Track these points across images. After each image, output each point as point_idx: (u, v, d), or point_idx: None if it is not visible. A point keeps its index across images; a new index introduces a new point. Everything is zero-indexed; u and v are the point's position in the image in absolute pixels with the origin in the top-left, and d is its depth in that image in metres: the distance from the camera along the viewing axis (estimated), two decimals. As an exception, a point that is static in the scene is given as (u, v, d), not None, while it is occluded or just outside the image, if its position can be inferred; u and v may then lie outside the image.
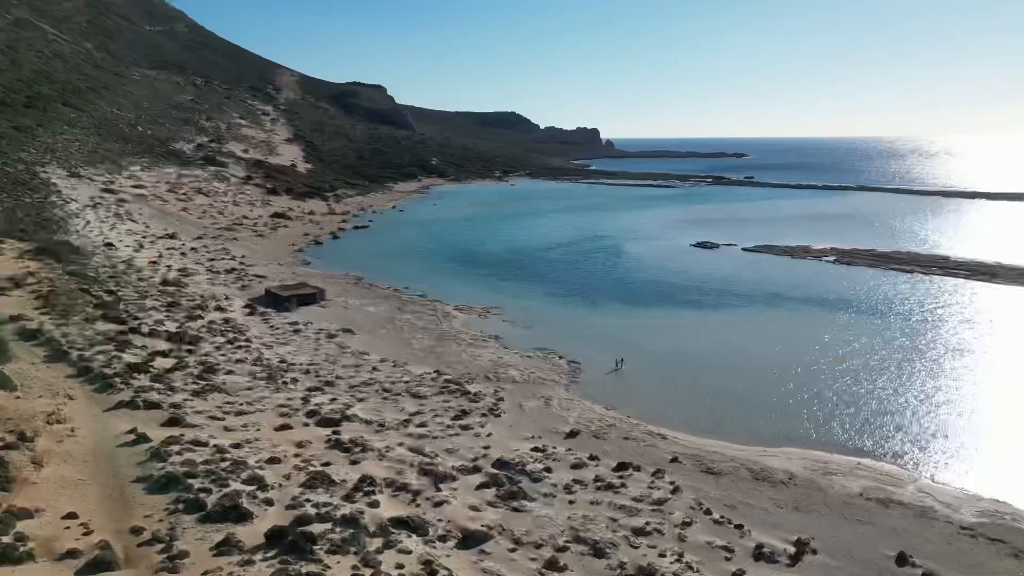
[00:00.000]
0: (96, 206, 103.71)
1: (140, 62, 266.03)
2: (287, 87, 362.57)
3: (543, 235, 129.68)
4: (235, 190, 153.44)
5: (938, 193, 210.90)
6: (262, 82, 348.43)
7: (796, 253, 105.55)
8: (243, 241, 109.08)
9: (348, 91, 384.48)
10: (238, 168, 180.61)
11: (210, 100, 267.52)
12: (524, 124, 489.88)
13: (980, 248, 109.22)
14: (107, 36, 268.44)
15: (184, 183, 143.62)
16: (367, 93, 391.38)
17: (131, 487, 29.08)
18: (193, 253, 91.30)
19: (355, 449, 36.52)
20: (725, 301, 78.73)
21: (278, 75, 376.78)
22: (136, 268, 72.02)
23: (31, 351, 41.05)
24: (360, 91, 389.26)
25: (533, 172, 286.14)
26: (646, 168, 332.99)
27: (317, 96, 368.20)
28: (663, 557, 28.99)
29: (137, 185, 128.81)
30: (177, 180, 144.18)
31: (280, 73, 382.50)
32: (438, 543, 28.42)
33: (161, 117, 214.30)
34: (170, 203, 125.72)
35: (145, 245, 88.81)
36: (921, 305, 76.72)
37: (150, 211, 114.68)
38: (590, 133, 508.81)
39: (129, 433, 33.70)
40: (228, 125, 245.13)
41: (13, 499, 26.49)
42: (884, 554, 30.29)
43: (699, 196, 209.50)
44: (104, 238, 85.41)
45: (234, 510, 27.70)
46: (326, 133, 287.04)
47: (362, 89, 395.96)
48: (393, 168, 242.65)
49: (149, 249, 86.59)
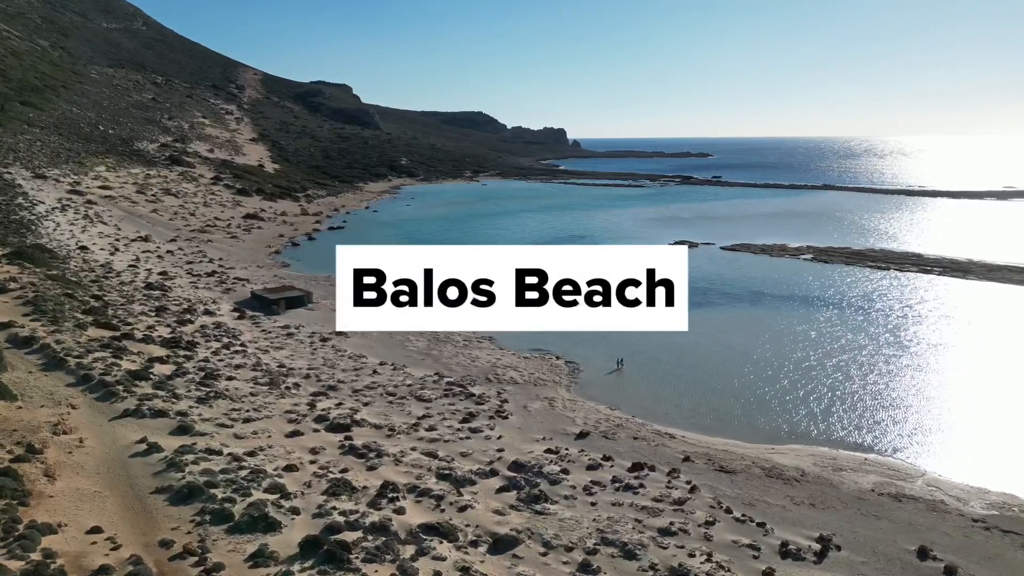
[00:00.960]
0: (64, 208, 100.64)
1: (98, 60, 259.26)
2: (250, 86, 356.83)
3: (521, 235, 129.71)
4: (205, 191, 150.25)
5: (902, 192, 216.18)
6: (224, 81, 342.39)
7: (773, 251, 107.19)
8: (218, 243, 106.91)
9: (313, 90, 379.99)
10: (205, 168, 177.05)
11: (171, 99, 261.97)
12: (491, 124, 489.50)
13: (948, 245, 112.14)
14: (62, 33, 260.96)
15: (152, 184, 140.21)
16: (332, 92, 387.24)
17: (151, 498, 28.24)
18: (170, 256, 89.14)
19: (370, 455, 36.00)
20: (711, 300, 79.52)
21: (240, 74, 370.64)
22: (116, 272, 69.98)
23: (26, 359, 39.60)
24: (325, 90, 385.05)
25: (504, 172, 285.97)
26: (615, 168, 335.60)
27: (281, 95, 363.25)
28: (692, 557, 29.09)
29: (104, 186, 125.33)
30: (145, 181, 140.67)
31: (242, 72, 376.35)
32: (470, 548, 28.15)
33: (122, 116, 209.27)
34: (139, 204, 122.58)
35: (120, 248, 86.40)
36: (901, 301, 78.50)
37: (120, 213, 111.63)
38: (557, 133, 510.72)
39: (139, 443, 32.77)
40: (191, 124, 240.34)
41: (32, 513, 25.53)
42: (905, 548, 30.84)
43: (669, 195, 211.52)
44: (77, 241, 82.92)
45: (263, 520, 27.11)
46: (292, 133, 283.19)
47: (327, 88, 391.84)
48: (362, 168, 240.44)
49: (124, 252, 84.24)
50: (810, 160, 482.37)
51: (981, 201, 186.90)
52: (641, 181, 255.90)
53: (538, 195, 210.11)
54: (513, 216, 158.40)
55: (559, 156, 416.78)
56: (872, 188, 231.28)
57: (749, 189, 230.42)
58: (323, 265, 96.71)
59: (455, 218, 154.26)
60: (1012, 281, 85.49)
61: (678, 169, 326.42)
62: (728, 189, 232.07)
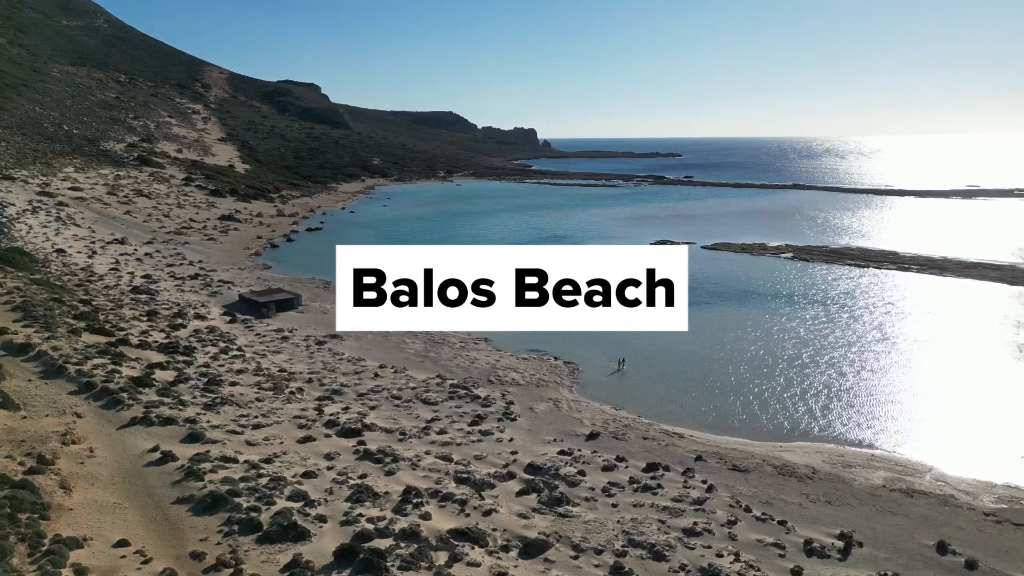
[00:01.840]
0: (36, 210, 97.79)
1: (58, 58, 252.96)
2: (216, 85, 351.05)
3: (502, 235, 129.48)
4: (177, 192, 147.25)
5: (870, 191, 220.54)
6: (189, 79, 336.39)
7: (754, 250, 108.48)
8: (195, 245, 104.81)
9: (281, 89, 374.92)
10: (175, 169, 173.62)
11: (136, 98, 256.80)
12: (461, 124, 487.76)
13: (922, 243, 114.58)
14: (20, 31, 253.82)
15: (123, 185, 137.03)
16: (300, 92, 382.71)
17: (173, 509, 27.47)
18: (149, 259, 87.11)
19: (386, 460, 35.51)
20: (699, 299, 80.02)
21: (206, 72, 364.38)
22: (98, 275, 68.10)
23: (22, 367, 38.28)
24: (293, 89, 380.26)
25: (477, 172, 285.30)
26: (587, 168, 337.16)
27: (248, 94, 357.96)
28: (720, 557, 29.18)
29: (74, 187, 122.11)
30: (115, 182, 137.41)
31: (208, 70, 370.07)
32: (502, 554, 27.89)
33: (86, 116, 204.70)
34: (112, 206, 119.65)
35: (97, 251, 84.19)
36: (884, 299, 79.97)
37: (92, 215, 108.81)
38: (527, 133, 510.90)
39: (152, 451, 31.88)
40: (157, 124, 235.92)
41: (55, 527, 24.64)
42: (924, 543, 31.32)
43: (644, 195, 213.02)
44: (53, 244, 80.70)
45: (292, 528, 26.53)
46: (261, 133, 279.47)
47: (295, 87, 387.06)
48: (333, 168, 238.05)
49: (102, 255, 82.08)
50: (774, 160, 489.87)
51: (947, 200, 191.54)
52: (615, 181, 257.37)
53: (514, 195, 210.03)
54: (492, 216, 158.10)
55: (530, 156, 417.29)
56: (841, 187, 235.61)
57: (721, 189, 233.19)
58: (305, 267, 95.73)
59: (434, 218, 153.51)
60: (987, 278, 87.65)
61: (649, 169, 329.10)
62: (700, 189, 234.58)
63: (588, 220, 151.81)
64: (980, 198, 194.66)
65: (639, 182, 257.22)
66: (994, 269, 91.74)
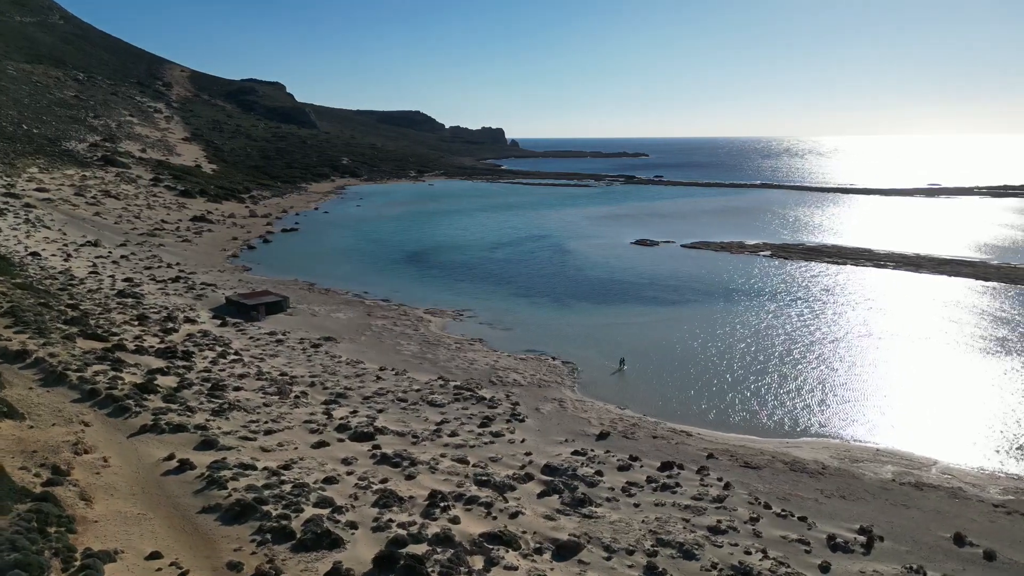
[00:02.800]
0: (3, 212, 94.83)
1: (13, 55, 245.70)
2: (178, 83, 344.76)
3: (480, 235, 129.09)
4: (146, 192, 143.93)
5: (836, 190, 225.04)
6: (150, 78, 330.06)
7: (733, 249, 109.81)
8: (170, 247, 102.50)
9: (245, 88, 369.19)
10: (142, 169, 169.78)
11: (95, 96, 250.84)
12: (429, 123, 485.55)
13: (895, 240, 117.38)
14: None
15: (90, 186, 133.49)
16: (265, 90, 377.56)
17: (201, 518, 26.75)
18: (125, 261, 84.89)
19: (404, 463, 35.07)
20: (685, 297, 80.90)
21: (167, 71, 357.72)
22: (79, 279, 66.08)
23: (21, 374, 36.95)
24: (257, 88, 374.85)
25: (448, 172, 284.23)
26: (557, 167, 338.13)
27: (212, 93, 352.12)
28: (749, 555, 29.32)
29: (40, 188, 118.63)
30: (82, 183, 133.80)
31: (168, 68, 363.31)
32: (536, 556, 27.67)
33: (45, 115, 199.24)
34: (80, 207, 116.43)
35: (72, 254, 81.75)
36: (865, 295, 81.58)
37: (61, 217, 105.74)
38: (495, 133, 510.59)
39: (168, 460, 31.04)
40: (119, 123, 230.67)
41: (83, 540, 23.80)
42: (941, 536, 31.92)
43: (616, 195, 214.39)
44: (26, 247, 78.20)
45: (326, 536, 26.03)
46: (226, 132, 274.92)
47: (259, 86, 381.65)
48: (302, 168, 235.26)
49: (78, 258, 79.73)
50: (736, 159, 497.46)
51: (912, 198, 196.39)
52: (587, 181, 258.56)
53: (487, 195, 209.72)
54: (469, 216, 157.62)
55: (499, 156, 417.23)
56: (808, 186, 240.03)
57: (691, 188, 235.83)
58: (285, 268, 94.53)
59: (411, 218, 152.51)
60: (960, 274, 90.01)
61: (617, 168, 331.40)
62: (671, 188, 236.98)
63: (564, 219, 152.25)
64: (943, 196, 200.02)
65: (611, 181, 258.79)
66: (967, 265, 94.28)
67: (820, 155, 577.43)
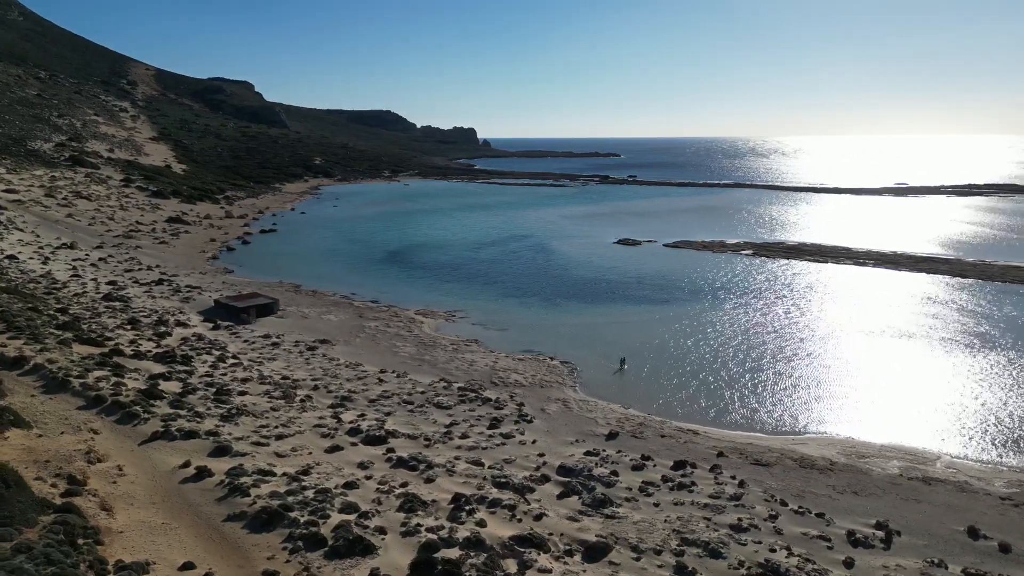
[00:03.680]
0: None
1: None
2: (143, 82, 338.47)
3: (462, 235, 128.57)
4: (118, 193, 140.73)
5: (807, 189, 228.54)
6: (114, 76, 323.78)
7: (715, 248, 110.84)
8: (148, 249, 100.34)
9: (212, 87, 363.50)
10: (111, 169, 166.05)
11: (58, 95, 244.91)
12: (400, 123, 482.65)
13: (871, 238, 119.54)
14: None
15: (60, 187, 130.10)
16: (233, 89, 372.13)
17: (227, 527, 26.19)
18: (104, 264, 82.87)
19: (421, 467, 34.72)
20: (673, 296, 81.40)
21: (131, 69, 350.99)
22: (61, 283, 64.28)
23: (21, 381, 35.79)
24: (225, 87, 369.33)
25: (423, 172, 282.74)
26: (531, 167, 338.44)
27: (178, 92, 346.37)
28: (774, 552, 29.49)
29: (9, 189, 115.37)
30: (52, 183, 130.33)
31: (133, 67, 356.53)
32: (567, 559, 27.55)
33: (8, 113, 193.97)
34: (52, 209, 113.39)
35: (49, 256, 79.56)
36: (849, 292, 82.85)
37: (33, 218, 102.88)
38: (467, 132, 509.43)
39: (184, 467, 30.33)
40: (84, 122, 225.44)
41: (112, 552, 23.12)
42: (955, 529, 32.47)
43: (593, 194, 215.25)
44: (1, 251, 75.69)
45: (359, 542, 25.64)
46: (194, 132, 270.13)
47: (227, 85, 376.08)
48: (275, 168, 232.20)
49: (56, 261, 77.60)
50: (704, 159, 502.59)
51: (881, 197, 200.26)
52: (562, 181, 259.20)
53: (463, 194, 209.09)
54: (448, 216, 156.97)
55: (471, 155, 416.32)
56: (779, 185, 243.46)
57: (666, 188, 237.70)
58: (268, 270, 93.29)
59: (390, 218, 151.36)
60: (938, 271, 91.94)
61: (591, 168, 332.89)
62: (646, 188, 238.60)
63: (545, 219, 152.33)
64: (911, 196, 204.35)
65: (586, 181, 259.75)
66: (943, 263, 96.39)
67: (785, 155, 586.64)
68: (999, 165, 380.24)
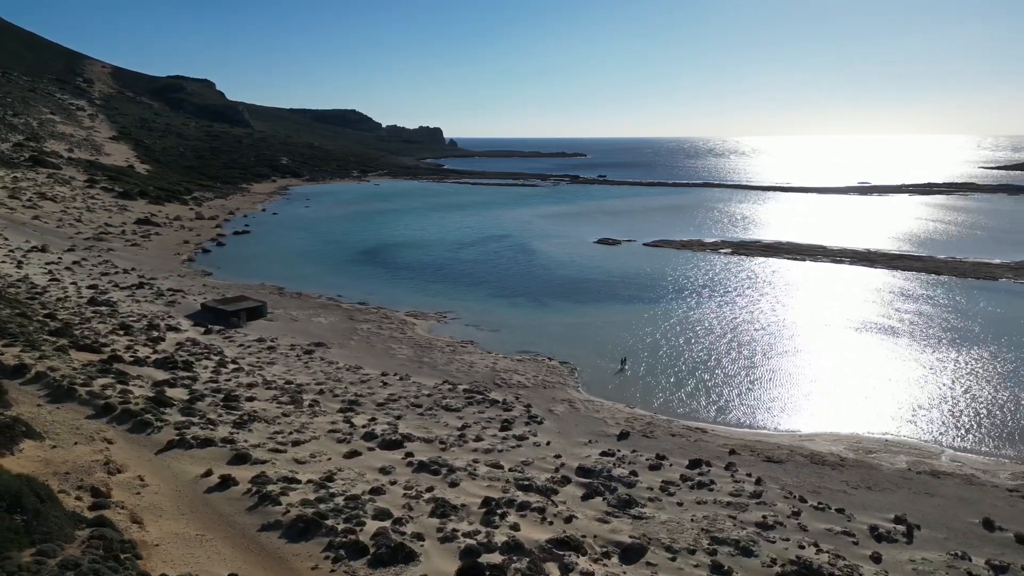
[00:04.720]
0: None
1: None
2: (99, 80, 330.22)
3: (440, 235, 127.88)
4: (83, 194, 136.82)
5: (774, 188, 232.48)
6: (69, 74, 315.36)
7: (694, 247, 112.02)
8: (120, 252, 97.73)
9: (172, 85, 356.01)
10: (74, 170, 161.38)
11: (12, 93, 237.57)
12: (365, 122, 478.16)
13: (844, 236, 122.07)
14: None
15: (23, 187, 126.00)
16: (194, 88, 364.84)
17: (264, 537, 25.58)
18: (79, 268, 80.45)
19: (443, 471, 34.35)
20: (659, 294, 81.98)
21: (87, 66, 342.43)
22: (41, 287, 62.15)
23: (25, 390, 34.48)
24: (186, 85, 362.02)
25: (392, 172, 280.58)
26: (500, 167, 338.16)
27: (136, 90, 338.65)
28: (803, 548, 29.77)
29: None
30: (14, 184, 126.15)
31: (89, 64, 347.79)
32: (605, 560, 27.51)
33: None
34: (17, 211, 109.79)
35: (22, 260, 76.93)
36: (831, 290, 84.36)
37: (1, 221, 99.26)
38: (433, 132, 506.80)
39: (206, 476, 29.57)
40: (40, 121, 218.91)
41: (154, 567, 22.36)
42: (971, 522, 33.18)
43: (565, 194, 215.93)
44: (-30, 254, 73.02)
45: (400, 549, 25.24)
46: (155, 131, 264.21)
47: (187, 83, 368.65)
48: (241, 168, 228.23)
49: (30, 265, 75.04)
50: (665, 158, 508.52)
51: (846, 196, 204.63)
52: (533, 180, 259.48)
53: (435, 194, 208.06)
54: (423, 216, 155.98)
55: (439, 155, 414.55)
56: (746, 184, 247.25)
57: (636, 187, 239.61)
58: (247, 272, 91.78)
59: (365, 218, 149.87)
60: (912, 268, 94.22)
61: (559, 168, 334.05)
62: (617, 188, 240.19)
63: (521, 219, 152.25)
64: (875, 195, 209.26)
65: (557, 181, 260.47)
66: (916, 260, 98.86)
67: (744, 155, 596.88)
68: (953, 164, 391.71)
